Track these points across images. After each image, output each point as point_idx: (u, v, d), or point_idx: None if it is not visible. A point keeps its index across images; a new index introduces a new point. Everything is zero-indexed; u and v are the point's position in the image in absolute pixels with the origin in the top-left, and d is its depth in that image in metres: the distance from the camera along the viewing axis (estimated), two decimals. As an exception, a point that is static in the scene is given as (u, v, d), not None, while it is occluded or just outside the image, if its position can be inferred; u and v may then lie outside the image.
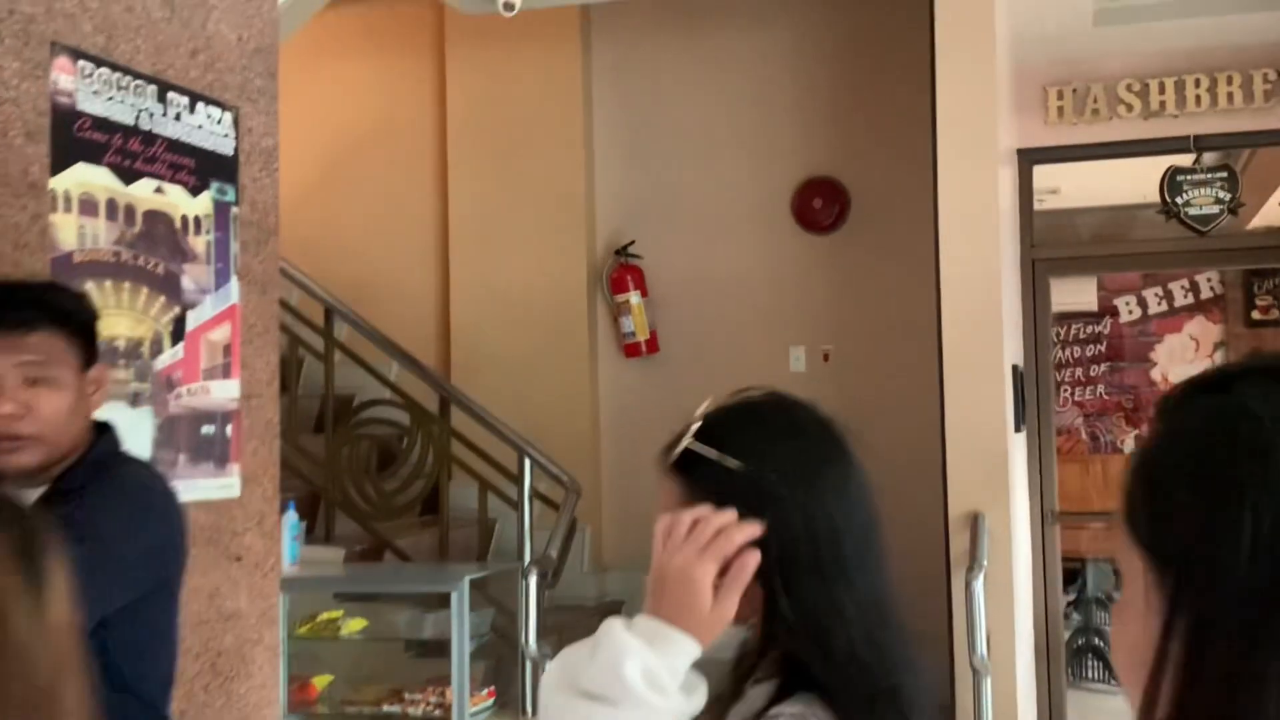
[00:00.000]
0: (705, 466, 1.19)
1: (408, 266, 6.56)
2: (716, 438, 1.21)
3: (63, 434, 1.78)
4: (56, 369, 1.78)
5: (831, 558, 1.16)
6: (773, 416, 1.23)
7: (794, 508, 1.16)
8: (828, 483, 1.19)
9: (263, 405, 3.19)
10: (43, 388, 1.76)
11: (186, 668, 2.91)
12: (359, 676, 4.53)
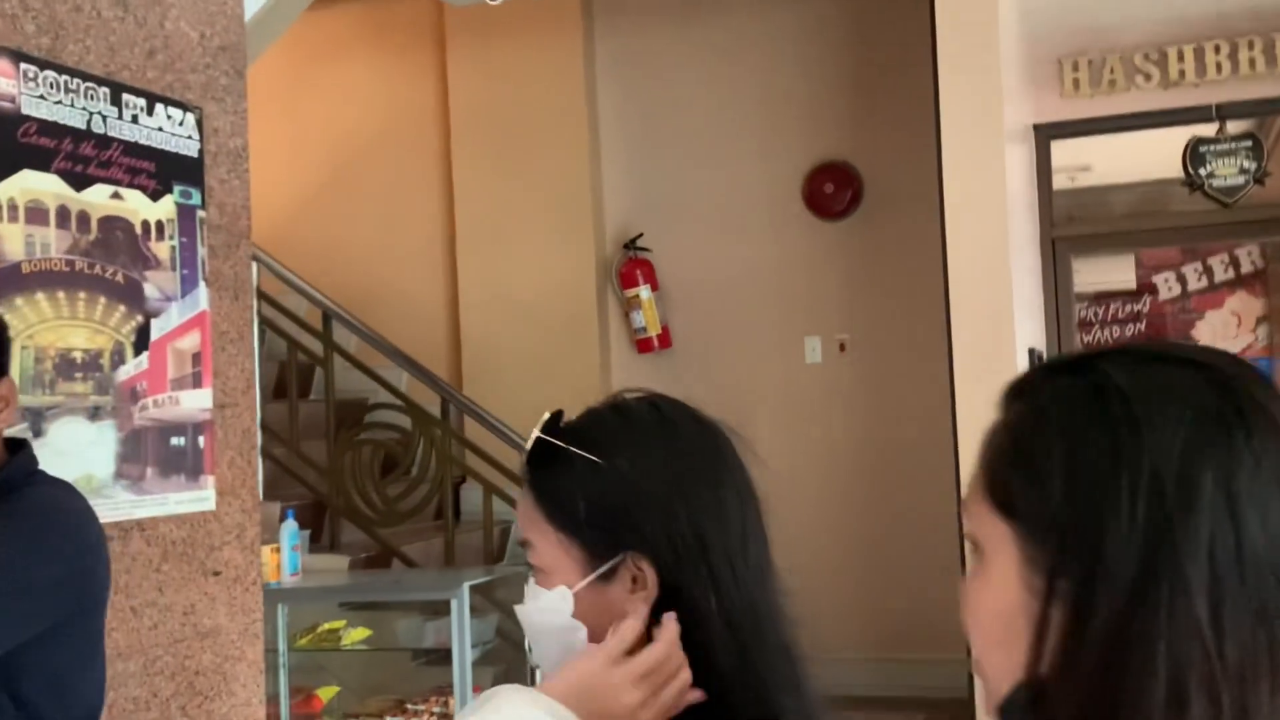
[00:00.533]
0: (559, 467, 1.09)
1: (415, 268, 6.47)
2: (573, 432, 1.11)
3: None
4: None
5: (696, 571, 1.06)
6: (641, 414, 1.12)
7: (657, 512, 1.06)
8: (699, 488, 1.08)
9: (239, 415, 3.09)
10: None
11: (161, 688, 2.81)
12: (366, 687, 4.44)
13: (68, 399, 2.53)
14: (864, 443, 5.83)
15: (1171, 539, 0.65)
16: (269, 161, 6.00)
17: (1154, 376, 0.70)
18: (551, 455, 1.09)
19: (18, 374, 2.42)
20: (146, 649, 2.78)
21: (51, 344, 2.50)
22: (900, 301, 5.89)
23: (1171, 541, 0.65)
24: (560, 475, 1.09)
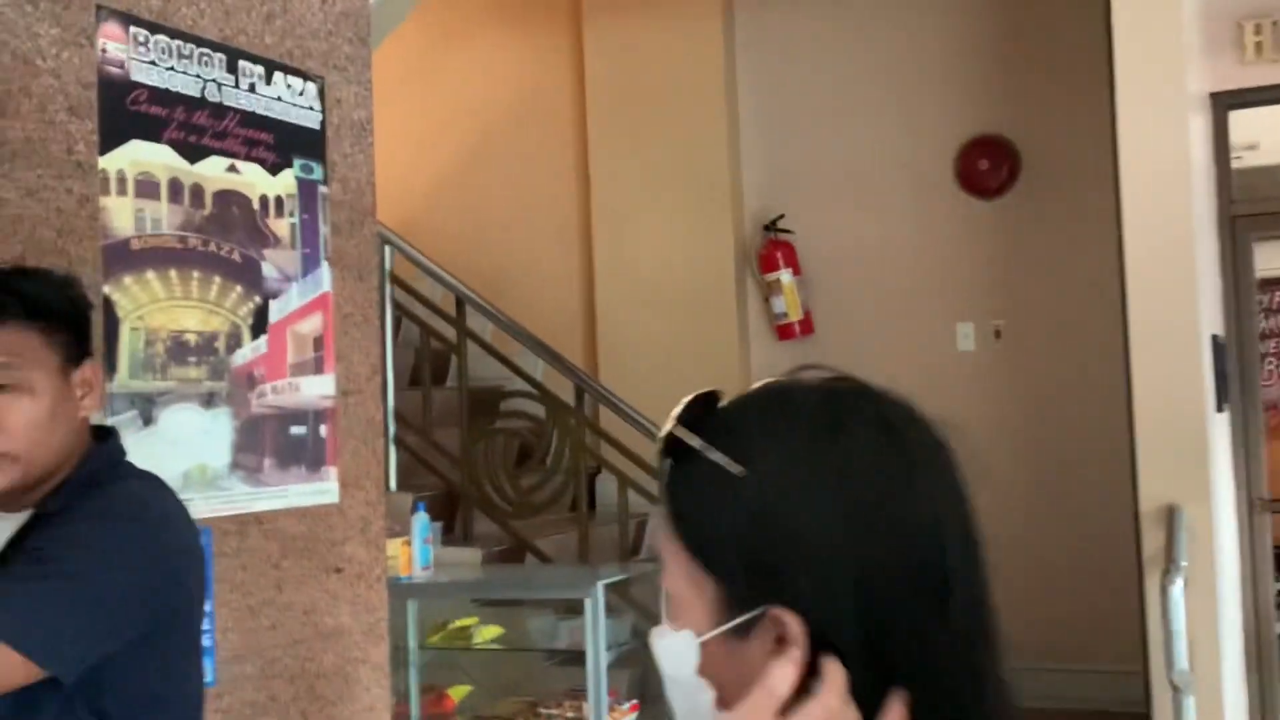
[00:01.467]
0: (701, 471, 0.80)
1: (550, 252, 6.30)
2: (720, 427, 0.81)
3: (40, 448, 1.50)
4: (28, 371, 1.50)
5: (866, 639, 0.77)
6: (812, 409, 0.81)
7: (819, 557, 0.77)
8: (884, 523, 0.78)
9: (363, 402, 2.93)
10: (12, 394, 1.48)
11: (280, 692, 2.66)
12: (498, 687, 4.28)
13: (180, 385, 2.39)
14: (1022, 437, 5.44)
15: None
16: (403, 145, 5.89)
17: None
18: (689, 454, 0.81)
19: (126, 357, 2.29)
20: (264, 650, 2.63)
21: (163, 326, 2.35)
22: (1062, 284, 5.49)
23: None
24: (700, 483, 0.80)
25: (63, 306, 1.55)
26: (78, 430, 1.56)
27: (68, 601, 1.40)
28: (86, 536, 1.46)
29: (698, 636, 0.80)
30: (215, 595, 2.51)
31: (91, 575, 1.43)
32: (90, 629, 1.42)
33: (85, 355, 1.57)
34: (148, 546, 1.51)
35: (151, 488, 1.61)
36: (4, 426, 1.47)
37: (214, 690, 2.50)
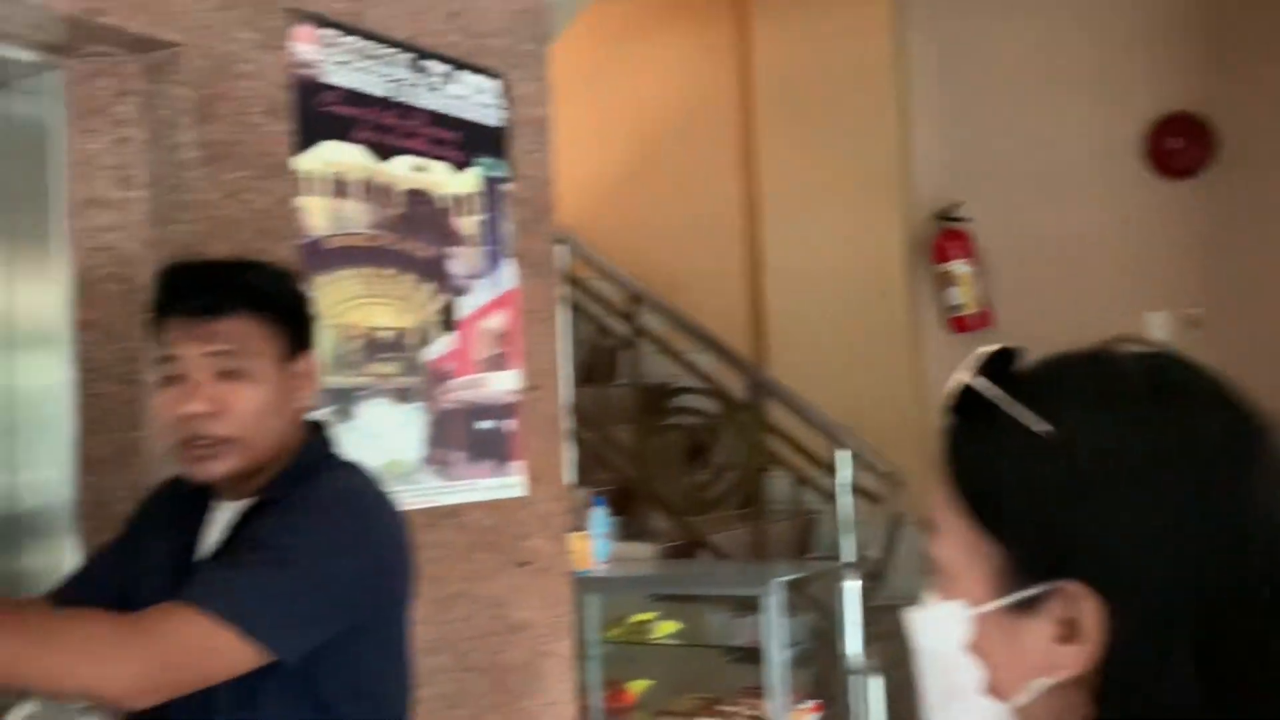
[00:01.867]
0: (993, 431, 0.73)
1: (717, 249, 6.25)
2: (1026, 386, 0.74)
3: (261, 435, 1.53)
4: (252, 360, 1.53)
5: (1170, 638, 0.68)
6: (1136, 377, 0.73)
7: (1130, 533, 0.69)
8: (1206, 506, 0.69)
9: (546, 398, 2.94)
10: (237, 382, 1.51)
11: (472, 684, 2.69)
12: (677, 682, 4.25)
13: (375, 380, 2.43)
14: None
15: None
16: (574, 146, 5.92)
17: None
18: (985, 411, 0.74)
19: (324, 354, 2.33)
20: (456, 642, 2.66)
21: (358, 323, 2.39)
22: (1268, 269, 5.17)
23: None
24: (992, 443, 0.74)
25: (286, 299, 1.59)
26: (294, 421, 1.59)
27: (290, 586, 1.42)
28: (307, 525, 1.47)
29: (972, 609, 0.74)
30: (408, 588, 2.54)
31: (312, 562, 1.45)
32: (312, 613, 1.44)
33: (305, 347, 1.60)
34: (365, 536, 1.52)
35: (365, 479, 1.62)
36: (229, 411, 1.50)
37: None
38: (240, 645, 1.37)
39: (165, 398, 1.52)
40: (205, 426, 1.49)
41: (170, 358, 1.52)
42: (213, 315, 1.50)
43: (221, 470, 1.52)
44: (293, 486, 1.52)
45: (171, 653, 1.34)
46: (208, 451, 1.50)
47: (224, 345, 1.50)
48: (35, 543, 1.95)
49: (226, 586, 1.39)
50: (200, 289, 1.52)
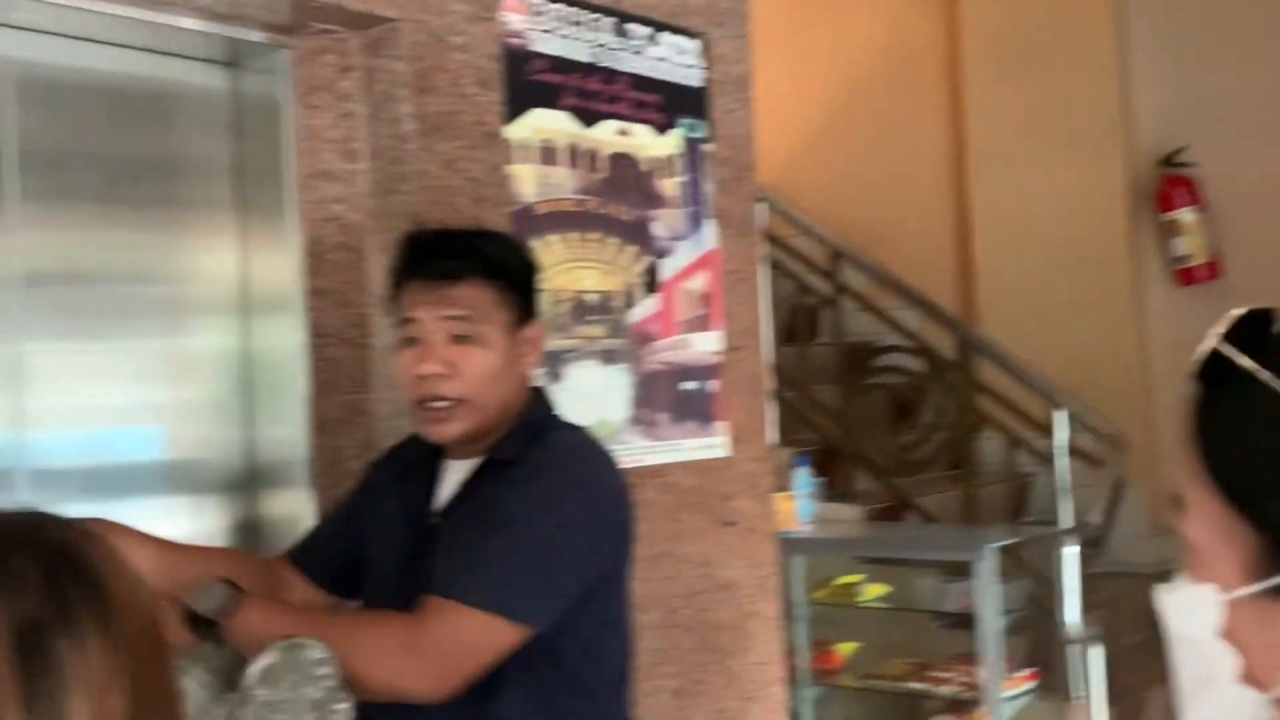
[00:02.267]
0: (1246, 400, 0.68)
1: (922, 205, 6.10)
2: (1276, 354, 0.69)
3: (490, 398, 1.58)
4: (485, 325, 1.58)
5: None
6: None
7: None
8: None
9: (748, 358, 2.94)
10: (469, 346, 1.57)
11: (680, 641, 2.73)
12: (884, 646, 4.21)
13: (583, 343, 2.48)
14: None
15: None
16: (774, 100, 5.87)
17: None
18: (1237, 381, 0.69)
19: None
20: (665, 600, 2.70)
21: (566, 286, 2.45)
22: None
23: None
24: (1244, 417, 0.69)
25: (517, 268, 1.64)
26: (520, 385, 1.64)
27: (536, 561, 1.47)
28: (543, 496, 1.52)
29: (1224, 593, 0.70)
30: (617, 545, 2.60)
31: (550, 533, 1.50)
32: (559, 584, 1.50)
33: (532, 314, 1.65)
34: (598, 499, 1.57)
35: (590, 440, 1.67)
36: (461, 374, 1.56)
37: (619, 636, 2.60)
38: (508, 629, 1.44)
39: (403, 358, 1.60)
40: (438, 387, 1.56)
41: (408, 320, 1.59)
42: (450, 281, 1.57)
43: (454, 432, 1.58)
44: (521, 447, 1.58)
45: (453, 650, 1.42)
46: (441, 413, 1.56)
47: (459, 310, 1.57)
48: (273, 495, 2.08)
49: (486, 578, 1.45)
50: (439, 256, 1.58)
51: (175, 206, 2.04)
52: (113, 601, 0.56)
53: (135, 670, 0.55)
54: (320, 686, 1.28)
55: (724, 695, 2.80)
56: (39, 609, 0.54)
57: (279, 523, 2.02)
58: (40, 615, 0.54)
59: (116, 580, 0.57)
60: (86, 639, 0.55)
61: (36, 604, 0.54)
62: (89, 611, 0.55)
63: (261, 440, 2.09)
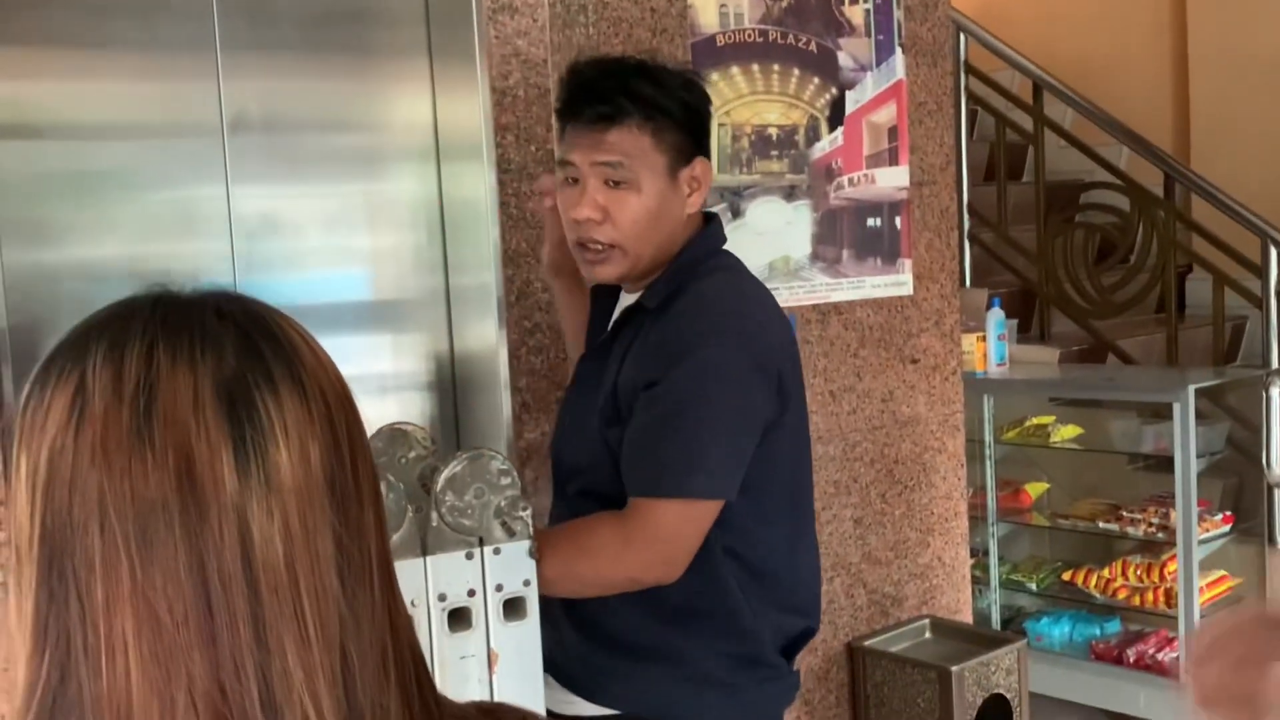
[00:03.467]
0: None
1: (1135, 35, 5.73)
2: None
3: (644, 242, 1.57)
4: (640, 170, 1.54)
5: None
6: None
7: None
8: None
9: (937, 193, 2.88)
10: (624, 191, 1.55)
11: (861, 474, 2.78)
12: (1075, 487, 4.16)
13: (764, 178, 2.48)
14: None
15: None
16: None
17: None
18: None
19: (715, 152, 2.40)
20: (846, 434, 2.74)
21: (747, 120, 2.44)
22: None
23: None
24: None
25: (675, 109, 1.57)
26: (681, 225, 1.62)
27: (713, 437, 1.48)
28: (693, 365, 1.49)
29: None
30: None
31: (713, 403, 1.49)
32: (738, 451, 1.51)
33: (699, 151, 1.61)
34: (750, 355, 1.52)
35: (740, 282, 1.63)
36: (614, 220, 1.56)
37: (799, 468, 2.66)
38: (708, 506, 1.49)
39: (563, 199, 1.61)
40: (592, 231, 1.56)
41: (567, 163, 1.59)
42: (604, 124, 1.55)
43: (609, 274, 1.60)
44: (666, 292, 1.57)
45: (670, 538, 1.48)
46: (597, 255, 1.58)
47: (613, 156, 1.54)
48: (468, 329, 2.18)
49: (669, 466, 1.48)
50: (594, 99, 1.56)
51: (369, 54, 2.10)
52: (303, 361, 0.62)
53: (329, 425, 0.61)
54: (504, 494, 1.38)
55: (903, 526, 2.85)
56: (239, 365, 0.59)
57: (473, 357, 2.12)
58: (241, 371, 0.59)
59: (304, 342, 0.63)
60: (282, 393, 0.59)
61: (236, 362, 0.59)
62: (282, 369, 0.60)
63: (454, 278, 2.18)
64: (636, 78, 1.57)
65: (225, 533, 0.57)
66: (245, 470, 0.58)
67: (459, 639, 1.38)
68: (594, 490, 1.59)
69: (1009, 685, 2.74)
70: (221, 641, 0.57)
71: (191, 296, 0.63)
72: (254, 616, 0.57)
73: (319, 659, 0.58)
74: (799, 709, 2.68)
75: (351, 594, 0.60)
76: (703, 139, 1.64)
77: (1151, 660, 3.53)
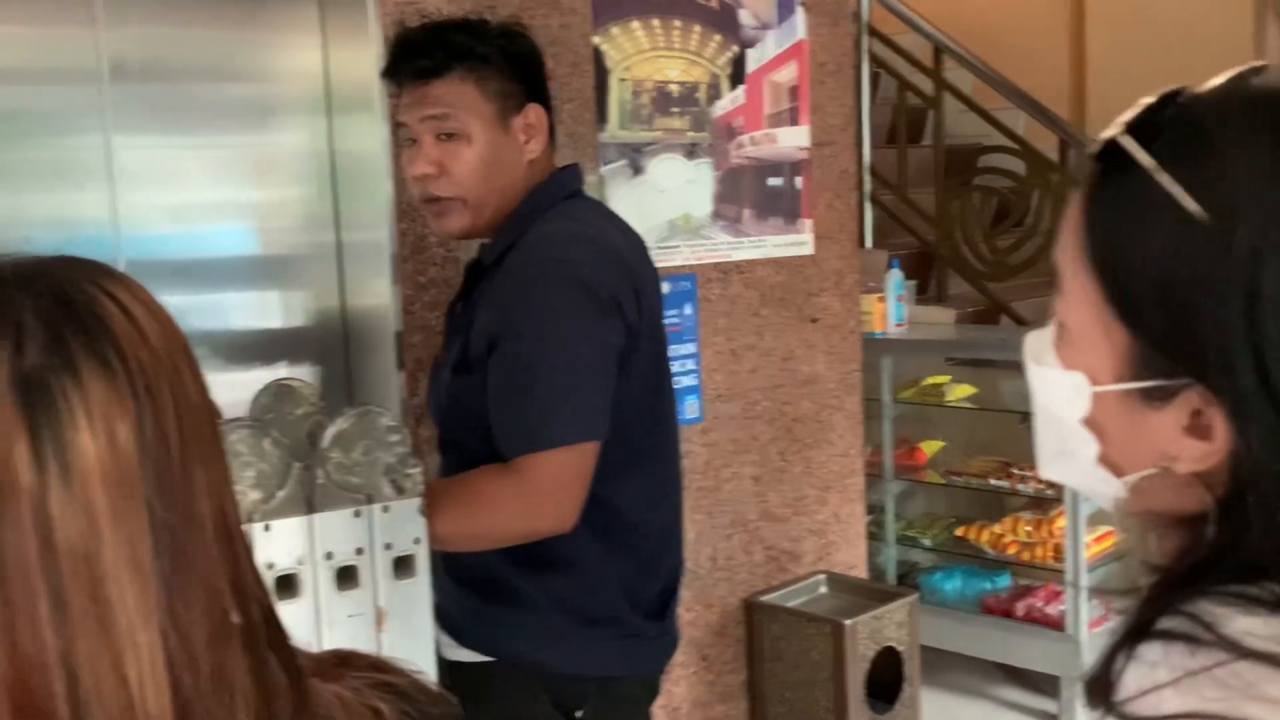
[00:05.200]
0: (1137, 192, 0.63)
1: (1037, 1, 5.82)
2: (1181, 144, 0.63)
3: (482, 192, 1.56)
4: (466, 119, 1.54)
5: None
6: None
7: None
8: None
9: (837, 154, 2.90)
10: (455, 143, 1.55)
11: (760, 432, 2.80)
12: (970, 445, 4.25)
13: (665, 135, 2.47)
14: None
15: None
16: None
17: None
18: (1134, 172, 0.63)
19: (615, 107, 2.38)
20: (746, 392, 2.76)
21: (648, 76, 2.42)
22: None
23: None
24: (1132, 205, 0.63)
25: (496, 56, 1.56)
26: (524, 173, 1.60)
27: (567, 382, 1.47)
28: (531, 318, 1.49)
29: (1094, 386, 0.67)
30: (700, 338, 2.65)
31: (562, 349, 1.48)
32: (595, 389, 1.49)
33: (533, 98, 1.60)
34: (584, 292, 1.50)
35: (572, 225, 1.58)
36: (449, 173, 1.55)
37: (701, 426, 2.67)
38: (581, 450, 1.48)
39: (404, 160, 1.60)
40: (431, 186, 1.56)
41: (401, 124, 1.59)
42: (427, 79, 1.54)
43: (455, 226, 1.59)
44: (504, 245, 1.56)
45: (550, 493, 1.47)
46: (440, 209, 1.58)
47: (439, 109, 1.54)
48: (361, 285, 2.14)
49: (536, 420, 1.47)
50: (416, 54, 1.55)
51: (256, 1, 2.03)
52: (114, 335, 0.59)
53: (147, 395, 0.58)
54: (393, 451, 1.36)
55: (801, 483, 2.88)
56: (39, 352, 0.57)
57: (365, 313, 2.08)
58: (40, 359, 0.57)
59: (119, 310, 0.60)
60: (85, 376, 0.57)
61: (36, 348, 0.57)
62: (86, 350, 0.57)
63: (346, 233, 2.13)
64: (454, 31, 1.58)
65: (24, 525, 0.55)
66: (42, 461, 0.56)
67: (346, 597, 1.37)
68: (459, 441, 1.60)
69: (901, 638, 2.80)
70: (21, 632, 0.55)
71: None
72: (56, 605, 0.55)
73: (133, 641, 0.56)
74: (696, 665, 2.70)
75: (174, 567, 0.58)
76: (535, 87, 1.62)
77: (1040, 613, 3.63)
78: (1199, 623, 0.59)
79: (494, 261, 1.58)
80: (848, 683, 2.67)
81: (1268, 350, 0.59)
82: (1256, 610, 0.59)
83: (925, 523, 4.10)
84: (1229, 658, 0.57)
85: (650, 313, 1.61)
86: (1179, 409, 0.63)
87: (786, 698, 2.74)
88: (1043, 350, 0.71)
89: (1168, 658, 0.59)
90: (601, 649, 1.60)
